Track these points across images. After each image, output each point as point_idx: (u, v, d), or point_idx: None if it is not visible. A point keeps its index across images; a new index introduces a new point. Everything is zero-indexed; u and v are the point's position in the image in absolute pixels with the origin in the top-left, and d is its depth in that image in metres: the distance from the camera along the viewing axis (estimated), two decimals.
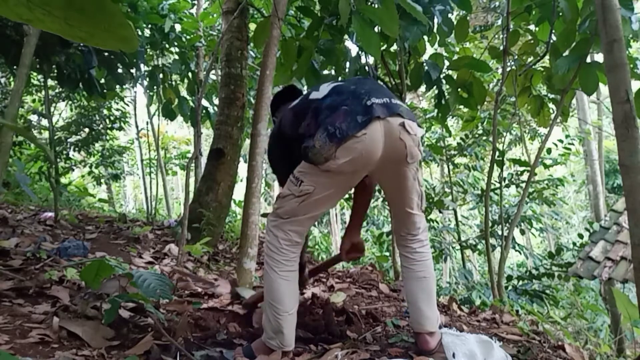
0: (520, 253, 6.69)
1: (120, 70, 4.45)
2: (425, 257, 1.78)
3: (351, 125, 1.47)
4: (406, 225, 1.78)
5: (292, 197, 1.61)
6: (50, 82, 4.98)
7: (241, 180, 6.36)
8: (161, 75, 5.60)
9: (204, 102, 5.72)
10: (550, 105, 3.93)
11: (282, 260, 1.64)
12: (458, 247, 6.94)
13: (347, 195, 6.18)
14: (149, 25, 4.92)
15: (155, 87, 5.81)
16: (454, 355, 1.61)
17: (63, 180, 7.14)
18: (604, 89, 4.20)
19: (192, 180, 5.87)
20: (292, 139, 1.67)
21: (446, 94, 3.82)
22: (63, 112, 7.59)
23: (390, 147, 1.54)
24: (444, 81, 3.71)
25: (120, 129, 7.65)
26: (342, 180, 1.58)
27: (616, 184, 12.65)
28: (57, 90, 6.08)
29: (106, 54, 4.12)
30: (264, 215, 5.36)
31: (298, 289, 1.73)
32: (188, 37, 5.42)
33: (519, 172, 6.30)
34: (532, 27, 3.88)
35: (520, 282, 5.72)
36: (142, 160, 8.08)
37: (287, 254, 1.64)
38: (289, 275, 1.64)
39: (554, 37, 3.46)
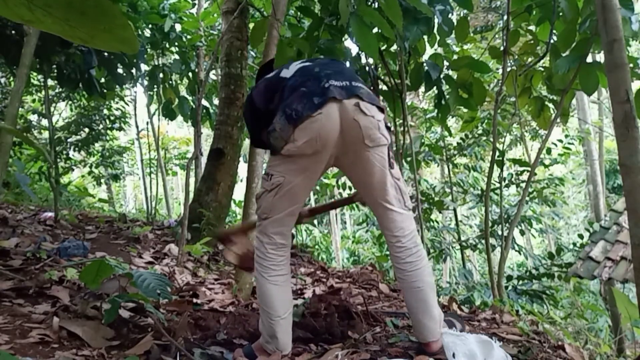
0: (520, 253, 6.70)
1: (120, 70, 4.45)
2: (416, 267, 1.65)
3: (307, 106, 1.47)
4: (386, 224, 1.67)
5: (266, 193, 1.61)
6: (50, 82, 4.97)
7: (241, 180, 6.35)
8: (161, 75, 5.60)
9: (204, 102, 5.72)
10: (551, 106, 3.93)
11: (270, 265, 1.64)
12: (458, 247, 6.94)
13: (346, 196, 6.18)
14: (149, 25, 4.92)
15: (155, 87, 5.81)
16: (454, 355, 1.61)
17: (63, 180, 7.13)
18: (604, 88, 4.19)
19: (192, 180, 5.88)
20: (262, 111, 1.65)
21: (446, 94, 3.82)
22: (63, 112, 7.59)
23: (346, 129, 1.51)
24: (443, 81, 3.71)
25: (120, 129, 7.65)
26: (306, 164, 1.56)
27: (616, 184, 12.65)
28: (57, 90, 6.08)
29: (106, 54, 4.12)
30: None
31: (290, 293, 1.73)
32: (188, 37, 5.43)
33: (518, 172, 6.30)
34: (532, 27, 3.87)
35: (520, 282, 5.72)
36: (142, 160, 8.08)
37: (274, 259, 1.64)
38: (277, 279, 1.64)
39: (554, 37, 3.46)
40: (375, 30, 2.88)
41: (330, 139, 1.51)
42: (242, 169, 6.30)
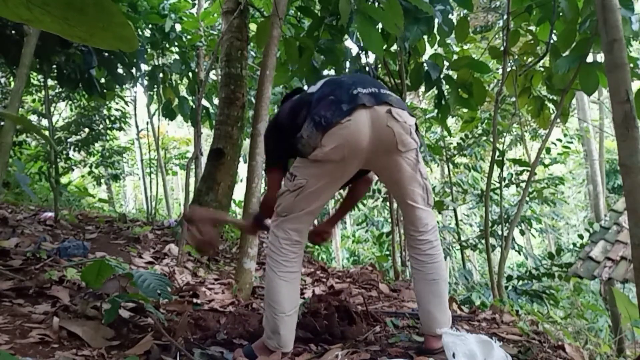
0: (520, 253, 6.70)
1: (120, 70, 4.45)
2: (435, 260, 1.71)
3: (336, 113, 1.49)
4: (411, 220, 1.73)
5: (288, 193, 1.62)
6: (50, 82, 4.97)
7: (241, 180, 6.36)
8: (161, 75, 5.60)
9: (204, 102, 5.72)
10: (551, 106, 3.93)
11: (282, 260, 1.64)
12: (458, 247, 6.94)
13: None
14: (149, 25, 4.92)
15: (155, 87, 5.81)
16: (454, 355, 1.61)
17: (63, 180, 7.13)
18: (604, 88, 4.19)
19: (192, 180, 5.87)
20: (288, 128, 1.66)
21: (446, 94, 3.82)
22: (63, 112, 7.59)
23: (378, 135, 1.53)
24: (443, 81, 3.71)
25: (120, 129, 7.65)
26: (332, 169, 1.57)
27: (617, 184, 12.65)
28: (57, 90, 6.08)
29: (106, 54, 4.12)
30: None
31: (298, 291, 1.73)
32: (188, 36, 5.42)
33: (518, 172, 6.30)
34: (532, 27, 3.87)
35: (520, 282, 5.72)
36: (142, 161, 8.09)
37: (287, 254, 1.64)
38: (288, 276, 1.64)
39: (554, 37, 3.46)
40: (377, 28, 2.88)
41: (358, 145, 1.52)
42: (242, 169, 6.30)
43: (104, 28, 0.55)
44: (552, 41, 3.47)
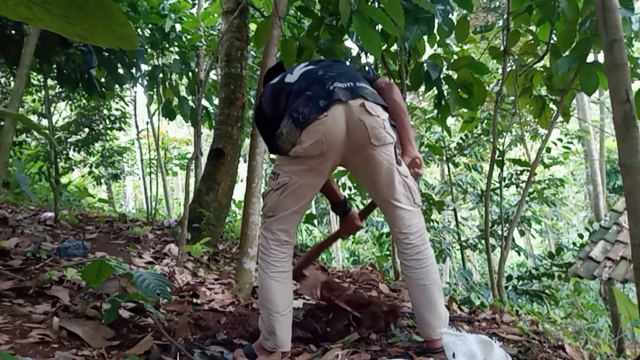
0: (520, 254, 6.70)
1: (120, 70, 4.45)
2: (423, 264, 1.66)
3: (313, 110, 1.52)
4: (393, 221, 1.68)
5: (272, 192, 1.64)
6: (50, 82, 4.97)
7: (241, 180, 6.35)
8: (161, 75, 5.60)
9: (204, 102, 5.72)
10: (552, 106, 3.93)
11: (272, 261, 1.65)
12: (458, 247, 6.94)
13: (347, 197, 6.18)
14: (149, 25, 4.92)
15: (155, 87, 5.81)
16: (454, 355, 1.60)
17: (63, 180, 7.13)
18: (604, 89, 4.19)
19: (192, 180, 5.87)
20: (270, 117, 1.69)
21: (446, 94, 3.82)
22: (63, 112, 7.59)
23: (352, 130, 1.55)
24: (443, 81, 3.71)
25: (120, 129, 7.64)
26: (313, 165, 1.59)
27: (617, 184, 12.64)
28: (57, 90, 6.08)
29: (106, 53, 4.12)
30: None
31: (291, 290, 1.74)
32: (188, 36, 5.42)
33: (519, 172, 6.30)
34: (532, 27, 3.87)
35: (520, 282, 5.71)
36: (142, 161, 8.08)
37: (277, 255, 1.66)
38: (279, 276, 1.66)
39: (554, 37, 3.46)
40: (376, 28, 2.88)
41: (336, 140, 1.54)
42: (242, 169, 6.30)
43: (104, 26, 0.55)
44: (552, 41, 3.47)
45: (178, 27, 5.27)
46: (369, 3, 3.26)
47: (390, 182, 1.62)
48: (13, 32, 3.61)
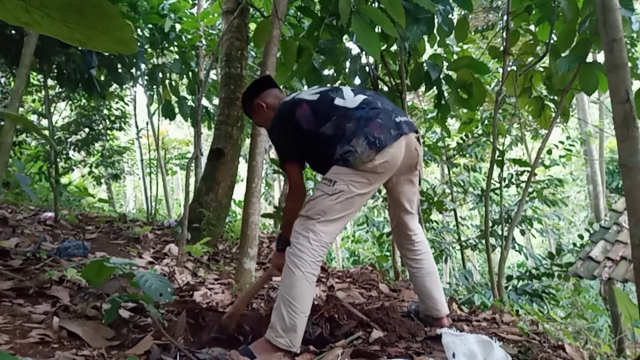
0: (520, 253, 6.69)
1: (120, 71, 4.45)
2: (429, 256, 2.12)
3: (387, 137, 1.77)
4: (410, 226, 2.08)
5: (325, 197, 1.74)
6: (50, 82, 4.98)
7: (241, 180, 6.36)
8: (160, 75, 5.60)
9: (204, 102, 5.72)
10: (552, 106, 3.93)
11: (309, 260, 1.70)
12: (458, 247, 6.94)
13: None
14: (149, 25, 4.92)
15: (155, 87, 5.81)
16: (454, 355, 1.61)
17: (63, 180, 7.13)
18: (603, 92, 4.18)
19: (192, 180, 5.87)
20: (308, 132, 1.85)
21: (446, 94, 3.82)
22: (63, 112, 7.59)
23: (408, 157, 1.88)
24: (443, 81, 3.71)
25: (120, 129, 7.65)
26: (372, 179, 1.78)
27: (618, 184, 12.64)
28: (57, 90, 6.08)
29: (106, 54, 4.12)
30: (264, 215, 5.35)
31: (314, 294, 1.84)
32: (188, 36, 5.42)
33: (519, 172, 6.30)
34: (532, 27, 3.87)
35: (520, 282, 5.71)
36: (142, 161, 8.08)
37: (316, 256, 1.72)
38: (311, 277, 1.71)
39: (554, 37, 3.46)
40: (376, 29, 2.88)
41: (397, 163, 1.83)
42: (242, 169, 6.29)
43: (103, 31, 0.55)
44: (552, 41, 3.46)
45: (178, 27, 5.27)
46: (369, 3, 3.26)
47: (415, 197, 2.09)
48: (13, 32, 3.61)
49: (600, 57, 4.33)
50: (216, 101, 5.54)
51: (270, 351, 1.63)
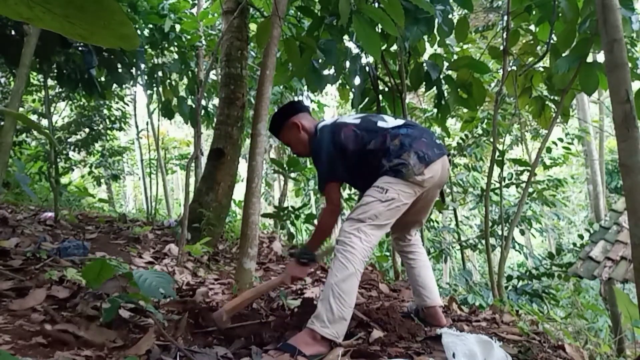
0: (520, 253, 6.70)
1: (120, 70, 4.45)
2: (424, 251, 2.38)
3: (434, 154, 1.98)
4: (409, 231, 2.31)
5: (378, 203, 1.88)
6: (50, 82, 4.97)
7: (241, 180, 6.36)
8: (160, 74, 5.60)
9: (204, 102, 5.72)
10: (552, 106, 3.93)
11: (361, 258, 1.82)
12: (458, 247, 6.94)
13: (346, 196, 6.19)
14: (149, 25, 4.92)
15: (154, 86, 5.81)
16: (454, 355, 1.61)
17: (63, 180, 7.13)
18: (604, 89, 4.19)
19: (192, 180, 5.87)
20: (355, 152, 2.03)
21: (446, 94, 3.82)
22: (63, 112, 7.59)
23: (442, 175, 2.05)
24: (443, 81, 3.71)
25: (120, 129, 7.64)
26: (416, 191, 1.95)
27: (618, 184, 12.64)
28: (57, 90, 6.08)
29: (106, 54, 4.12)
30: (264, 215, 5.34)
31: None
32: (188, 36, 5.42)
33: (519, 172, 6.30)
34: (532, 27, 3.87)
35: (520, 282, 5.71)
36: (142, 161, 8.08)
37: (365, 255, 1.85)
38: (359, 274, 1.83)
39: (554, 37, 3.46)
40: (376, 29, 2.88)
41: (436, 179, 2.01)
42: (242, 169, 6.29)
43: (104, 26, 0.55)
44: (552, 41, 3.47)
45: (177, 27, 5.27)
46: (369, 3, 3.26)
47: (430, 209, 2.33)
48: (13, 32, 3.61)
49: (601, 57, 4.34)
50: (216, 101, 5.54)
51: (315, 340, 1.70)
